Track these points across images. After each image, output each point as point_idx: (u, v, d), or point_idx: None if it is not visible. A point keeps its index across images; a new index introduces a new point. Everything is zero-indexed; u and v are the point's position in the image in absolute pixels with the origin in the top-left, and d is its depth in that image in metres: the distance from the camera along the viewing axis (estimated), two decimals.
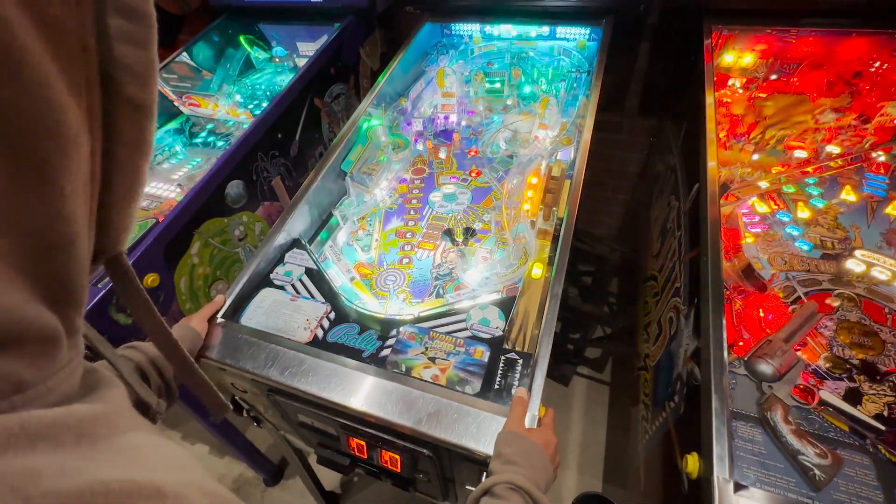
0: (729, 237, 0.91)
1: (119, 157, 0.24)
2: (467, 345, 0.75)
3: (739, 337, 0.75)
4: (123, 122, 0.24)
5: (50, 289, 0.22)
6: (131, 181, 0.26)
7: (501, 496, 0.48)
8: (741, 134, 1.20)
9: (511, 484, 0.49)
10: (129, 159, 0.25)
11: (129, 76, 0.23)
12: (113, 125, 0.23)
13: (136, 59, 0.23)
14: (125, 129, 0.24)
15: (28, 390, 0.21)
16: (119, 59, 0.23)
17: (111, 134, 0.24)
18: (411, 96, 1.38)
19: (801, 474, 0.57)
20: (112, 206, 0.25)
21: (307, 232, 1.04)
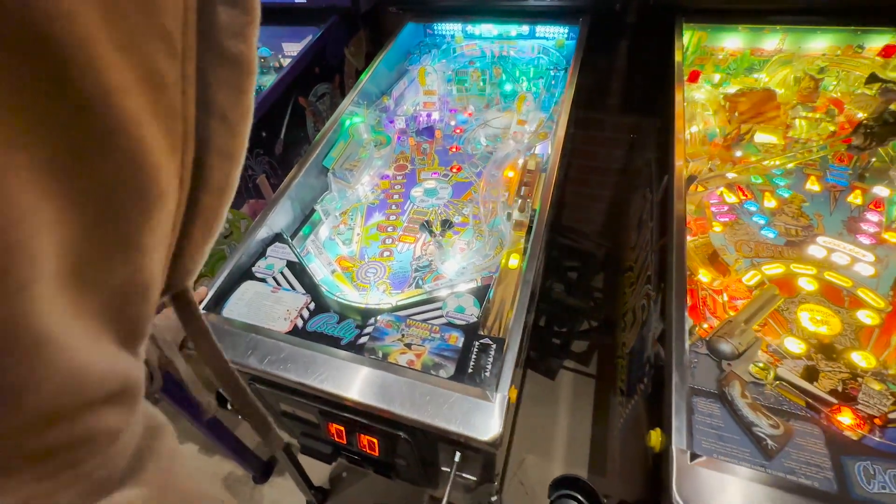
0: (698, 226, 0.95)
1: (203, 203, 0.23)
2: (442, 331, 0.78)
3: (705, 320, 0.78)
4: (212, 170, 0.22)
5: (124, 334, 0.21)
6: (211, 225, 0.25)
7: None
8: (715, 129, 1.24)
9: None
10: (212, 205, 0.24)
11: (224, 126, 0.22)
12: (202, 174, 0.22)
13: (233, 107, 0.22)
14: (213, 178, 0.23)
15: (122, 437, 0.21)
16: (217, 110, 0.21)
17: (199, 184, 0.22)
18: (394, 95, 1.41)
19: (755, 444, 0.60)
20: (187, 249, 0.24)
21: (289, 227, 1.06)
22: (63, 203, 0.15)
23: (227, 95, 0.21)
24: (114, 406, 0.20)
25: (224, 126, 0.22)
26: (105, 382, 0.19)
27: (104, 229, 0.17)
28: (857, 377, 0.69)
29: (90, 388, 0.18)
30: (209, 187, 0.23)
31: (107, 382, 0.19)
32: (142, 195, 0.18)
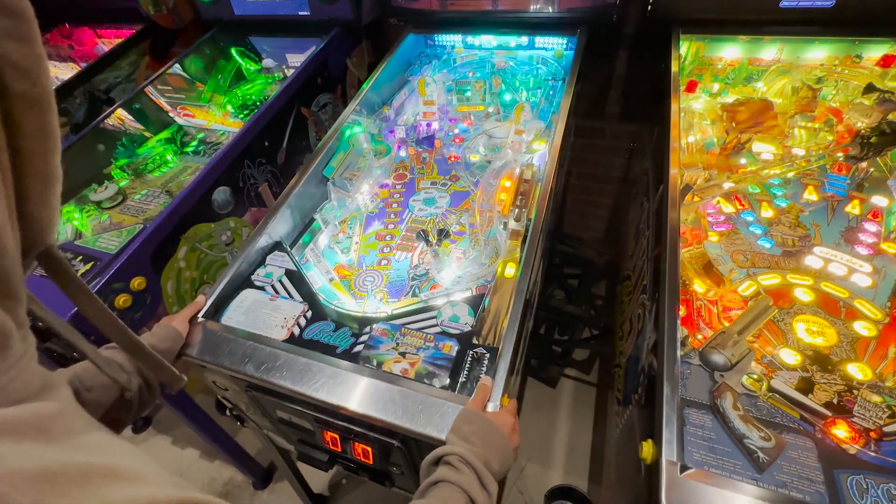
0: (693, 236, 0.95)
1: (25, 150, 0.25)
2: (437, 340, 0.78)
3: (699, 331, 0.78)
4: (22, 116, 0.25)
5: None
6: (43, 173, 0.27)
7: (455, 466, 0.51)
8: (713, 138, 1.24)
9: (462, 458, 0.52)
10: (36, 151, 0.26)
11: (16, 72, 0.24)
12: (13, 121, 0.24)
13: (20, 54, 0.24)
14: (25, 124, 0.25)
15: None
16: (5, 58, 0.23)
17: (13, 130, 0.24)
18: (395, 105, 1.43)
19: (747, 456, 0.59)
20: (29, 199, 0.26)
21: (289, 235, 1.07)
22: None
23: (12, 44, 0.23)
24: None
25: (18, 73, 0.24)
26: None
27: None
28: (852, 389, 0.69)
29: None
30: (24, 132, 0.25)
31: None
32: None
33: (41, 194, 0.27)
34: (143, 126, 1.56)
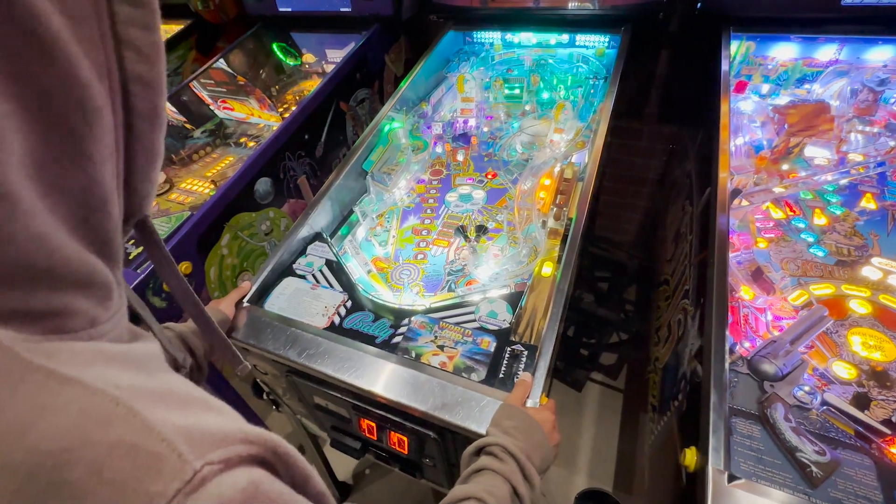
0: (740, 241, 0.92)
1: (137, 129, 0.27)
2: (475, 335, 0.79)
3: (746, 338, 0.76)
4: (138, 98, 0.27)
5: (94, 245, 0.26)
6: (149, 151, 0.29)
7: (499, 457, 0.51)
8: (762, 142, 1.20)
9: (505, 449, 0.52)
10: (145, 130, 0.28)
11: (138, 56, 0.26)
12: (129, 101, 0.26)
13: (143, 41, 0.26)
14: (140, 105, 0.27)
15: (99, 326, 0.26)
16: (129, 42, 0.25)
17: (129, 109, 0.27)
18: (432, 101, 1.43)
19: (798, 471, 0.57)
20: (134, 173, 0.29)
21: (329, 226, 1.09)
22: (17, 104, 0.20)
23: (137, 31, 0.25)
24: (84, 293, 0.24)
25: (139, 57, 0.26)
26: (72, 265, 0.23)
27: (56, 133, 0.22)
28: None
29: (59, 262, 0.22)
30: (138, 112, 0.27)
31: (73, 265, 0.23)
32: (80, 106, 0.23)
33: (145, 169, 0.29)
34: (186, 118, 1.62)
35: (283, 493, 0.24)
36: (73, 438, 0.19)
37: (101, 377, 0.21)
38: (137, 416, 0.20)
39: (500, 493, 0.48)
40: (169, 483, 0.19)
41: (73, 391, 0.20)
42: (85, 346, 0.24)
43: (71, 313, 0.24)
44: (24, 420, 0.18)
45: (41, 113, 0.21)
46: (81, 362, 0.22)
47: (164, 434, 0.20)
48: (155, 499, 0.19)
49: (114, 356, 0.24)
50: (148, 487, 0.19)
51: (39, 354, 0.21)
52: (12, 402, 0.19)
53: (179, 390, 0.25)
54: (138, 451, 0.19)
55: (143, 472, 0.19)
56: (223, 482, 0.21)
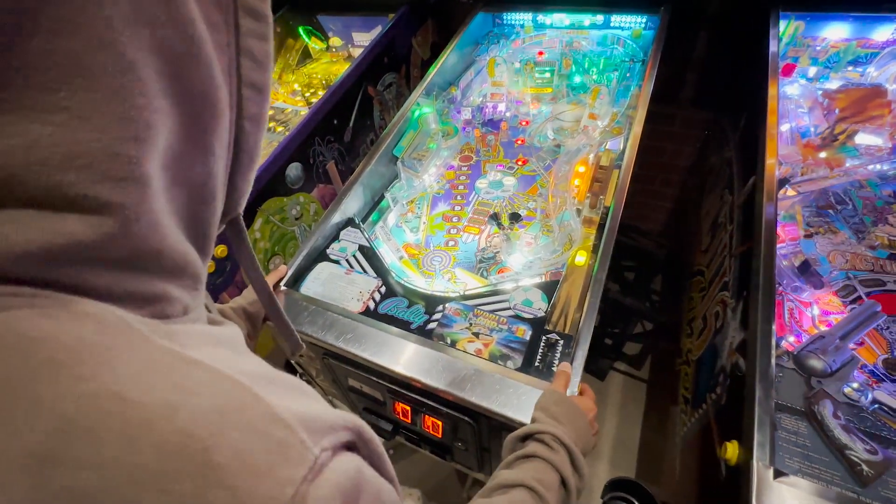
0: (785, 232, 0.88)
1: (245, 130, 0.29)
2: (510, 323, 0.79)
3: (790, 333, 0.74)
4: (249, 101, 0.29)
5: (195, 237, 0.28)
6: (252, 152, 0.31)
7: (549, 445, 0.51)
8: (808, 128, 1.14)
9: (557, 437, 0.52)
10: (251, 132, 0.30)
11: (254, 63, 0.28)
12: (242, 104, 0.28)
13: (259, 50, 0.28)
14: (250, 108, 0.29)
15: (191, 313, 0.27)
16: (248, 50, 0.28)
17: (241, 111, 0.28)
18: (461, 85, 1.41)
19: (848, 469, 0.56)
20: (238, 173, 0.30)
21: (360, 212, 1.10)
22: (171, 101, 0.23)
23: (254, 41, 0.28)
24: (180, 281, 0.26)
25: (254, 64, 0.28)
26: (176, 255, 0.25)
27: (194, 129, 0.25)
28: None
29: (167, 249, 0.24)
30: (247, 114, 0.29)
31: (177, 255, 0.25)
32: (213, 106, 0.25)
33: (246, 169, 0.31)
34: None
35: (376, 477, 0.25)
36: (215, 422, 0.19)
37: (218, 360, 0.22)
38: (262, 402, 0.21)
39: (550, 483, 0.47)
40: (296, 469, 0.20)
41: (203, 374, 0.21)
42: (193, 328, 0.25)
43: (170, 300, 0.25)
44: (171, 400, 0.19)
45: (187, 110, 0.24)
46: (197, 344, 0.23)
47: (287, 420, 0.21)
48: (286, 485, 0.19)
49: (219, 339, 0.26)
50: (280, 473, 0.19)
51: (161, 335, 0.22)
52: (156, 382, 0.19)
53: (277, 375, 0.25)
54: (270, 437, 0.20)
55: (275, 457, 0.20)
56: (336, 468, 0.22)
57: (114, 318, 0.21)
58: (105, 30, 0.19)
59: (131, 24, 0.19)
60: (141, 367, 0.20)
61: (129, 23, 0.19)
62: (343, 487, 0.21)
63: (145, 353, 0.20)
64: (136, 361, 0.20)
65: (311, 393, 0.26)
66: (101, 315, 0.20)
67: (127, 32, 0.19)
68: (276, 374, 0.25)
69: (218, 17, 0.25)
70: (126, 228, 0.21)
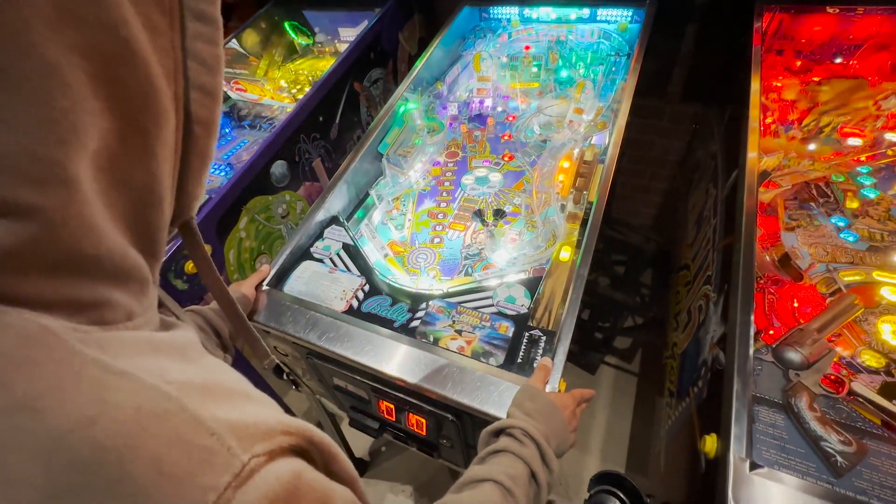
0: (767, 225, 0.89)
1: (194, 134, 0.29)
2: (493, 320, 0.79)
3: (770, 326, 0.74)
4: (198, 105, 0.29)
5: (142, 241, 0.27)
6: (203, 155, 0.31)
7: (519, 440, 0.51)
8: (792, 121, 1.15)
9: (526, 432, 0.52)
10: (201, 135, 0.30)
11: (202, 67, 0.28)
12: (190, 108, 0.28)
13: (207, 53, 0.28)
14: (199, 111, 0.29)
15: (136, 319, 0.26)
16: (195, 54, 0.27)
17: (189, 115, 0.28)
18: (447, 80, 1.40)
19: (823, 460, 0.57)
20: (188, 176, 0.30)
21: (345, 210, 1.09)
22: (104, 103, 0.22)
23: (203, 44, 0.28)
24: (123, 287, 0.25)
25: (203, 68, 0.28)
26: (116, 258, 0.24)
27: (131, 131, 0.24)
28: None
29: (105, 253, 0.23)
30: (197, 118, 0.29)
31: (117, 259, 0.24)
32: (153, 109, 0.25)
33: (198, 172, 0.31)
34: None
35: (321, 481, 0.25)
36: (133, 433, 0.19)
37: (151, 369, 0.22)
38: (188, 411, 0.21)
39: (519, 476, 0.48)
40: (220, 476, 0.20)
41: (130, 385, 0.21)
42: (132, 335, 0.25)
43: (110, 306, 0.24)
44: (88, 414, 0.19)
45: (122, 112, 0.23)
46: (131, 353, 0.23)
47: (213, 428, 0.21)
48: (208, 492, 0.19)
49: (159, 345, 0.25)
50: (202, 481, 0.19)
51: (92, 345, 0.21)
52: (75, 395, 0.19)
53: (222, 380, 0.25)
54: (192, 445, 0.20)
55: (196, 465, 0.20)
56: (268, 474, 0.22)
57: (36, 329, 0.20)
58: (23, 32, 0.18)
59: (53, 25, 0.19)
60: (61, 379, 0.19)
61: (51, 24, 0.19)
62: (274, 493, 0.21)
63: (67, 366, 0.20)
64: (57, 374, 0.19)
65: (258, 398, 0.26)
66: (23, 326, 0.20)
67: (47, 34, 0.19)
68: (222, 379, 0.25)
69: (160, 19, 0.25)
70: (53, 233, 0.20)
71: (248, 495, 0.20)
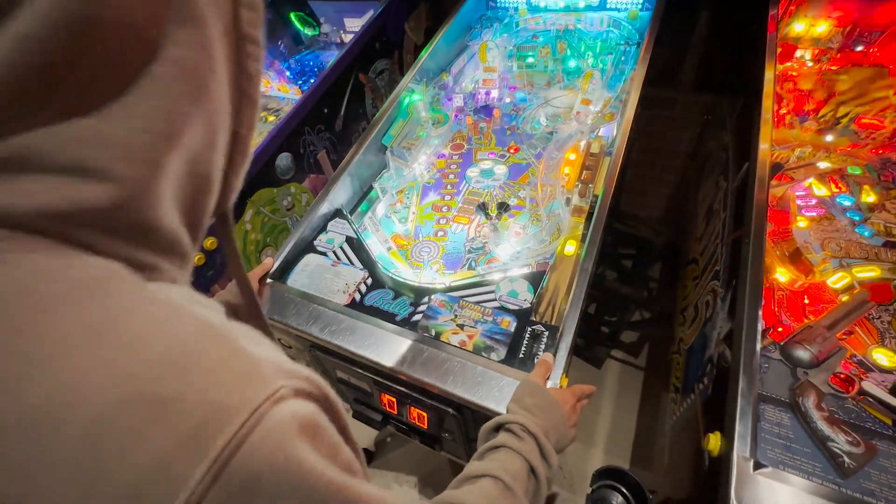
0: (778, 220, 0.87)
1: (240, 136, 0.33)
2: (495, 315, 0.78)
3: (779, 323, 0.73)
4: (243, 112, 0.32)
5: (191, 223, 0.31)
6: (243, 154, 0.34)
7: (518, 435, 0.51)
8: (808, 111, 1.11)
9: (525, 427, 0.52)
10: (245, 137, 0.33)
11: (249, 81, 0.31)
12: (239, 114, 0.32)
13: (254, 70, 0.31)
14: (244, 117, 0.32)
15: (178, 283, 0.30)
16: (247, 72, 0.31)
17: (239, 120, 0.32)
18: (453, 71, 1.38)
19: (829, 460, 0.56)
20: (232, 171, 0.34)
21: (349, 203, 1.09)
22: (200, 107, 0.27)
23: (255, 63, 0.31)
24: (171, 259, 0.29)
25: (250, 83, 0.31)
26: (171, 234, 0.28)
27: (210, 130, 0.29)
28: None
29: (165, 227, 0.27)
30: (243, 122, 0.33)
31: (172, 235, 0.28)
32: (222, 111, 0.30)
33: (239, 167, 0.34)
34: None
35: (335, 434, 0.27)
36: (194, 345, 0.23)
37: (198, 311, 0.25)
38: (233, 341, 0.24)
39: (517, 471, 0.48)
40: (259, 391, 0.23)
41: (188, 317, 0.24)
42: (177, 287, 0.28)
43: (160, 271, 0.28)
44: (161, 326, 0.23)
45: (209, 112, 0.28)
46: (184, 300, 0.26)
47: (252, 358, 0.24)
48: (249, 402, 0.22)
49: (199, 301, 0.28)
50: (245, 392, 0.22)
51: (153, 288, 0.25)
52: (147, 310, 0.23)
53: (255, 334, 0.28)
54: (235, 368, 0.23)
55: (240, 382, 0.23)
56: (295, 404, 0.24)
57: (116, 267, 0.24)
58: None
59: None
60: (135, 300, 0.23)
61: None
62: (302, 418, 0.24)
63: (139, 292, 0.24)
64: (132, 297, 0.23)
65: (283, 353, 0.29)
66: (106, 265, 0.24)
67: None
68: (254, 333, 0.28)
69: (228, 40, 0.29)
70: (132, 202, 0.25)
71: (281, 413, 0.23)
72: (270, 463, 0.22)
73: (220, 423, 0.21)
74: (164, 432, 0.20)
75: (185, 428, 0.20)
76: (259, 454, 0.21)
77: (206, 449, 0.20)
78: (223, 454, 0.20)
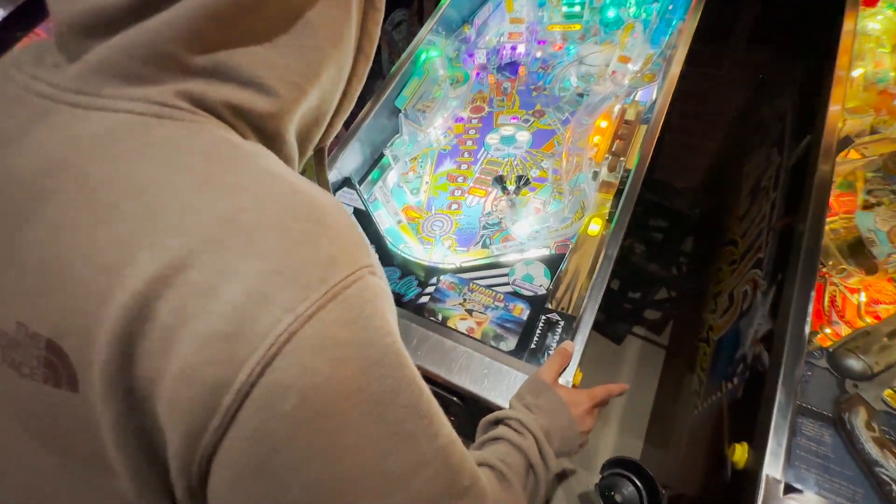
0: (839, 204, 0.76)
1: (351, 85, 0.38)
2: (507, 300, 0.73)
3: (828, 324, 0.64)
4: (358, 64, 0.38)
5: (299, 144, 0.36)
6: (350, 101, 0.40)
7: (517, 430, 0.48)
8: (887, 69, 0.95)
9: (523, 424, 0.48)
10: (355, 88, 0.39)
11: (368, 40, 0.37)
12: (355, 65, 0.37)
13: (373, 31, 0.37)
14: (358, 69, 0.38)
15: None
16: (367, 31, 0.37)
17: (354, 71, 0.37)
18: (476, 23, 1.25)
19: (875, 487, 0.49)
20: (338, 113, 0.39)
21: (358, 171, 1.03)
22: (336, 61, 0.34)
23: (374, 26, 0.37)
24: None
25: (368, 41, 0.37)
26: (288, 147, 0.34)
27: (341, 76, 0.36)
28: None
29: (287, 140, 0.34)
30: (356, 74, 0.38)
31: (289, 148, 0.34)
32: (348, 62, 0.36)
33: (343, 112, 0.40)
34: None
35: None
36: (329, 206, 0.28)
37: None
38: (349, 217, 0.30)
39: (515, 464, 0.45)
40: (362, 259, 0.27)
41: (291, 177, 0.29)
42: None
43: None
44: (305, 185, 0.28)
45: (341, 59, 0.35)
46: None
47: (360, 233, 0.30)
48: (362, 263, 0.27)
49: None
50: (359, 255, 0.27)
51: None
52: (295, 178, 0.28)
53: None
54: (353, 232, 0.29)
55: (354, 243, 0.28)
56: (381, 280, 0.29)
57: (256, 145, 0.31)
58: None
59: None
60: (282, 166, 0.29)
61: None
62: (381, 289, 0.29)
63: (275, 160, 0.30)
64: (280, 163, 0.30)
65: None
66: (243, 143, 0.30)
67: None
68: None
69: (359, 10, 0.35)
70: (279, 114, 0.31)
71: (374, 279, 0.27)
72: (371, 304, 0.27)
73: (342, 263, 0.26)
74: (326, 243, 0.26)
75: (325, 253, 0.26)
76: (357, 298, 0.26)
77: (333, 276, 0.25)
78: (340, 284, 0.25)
